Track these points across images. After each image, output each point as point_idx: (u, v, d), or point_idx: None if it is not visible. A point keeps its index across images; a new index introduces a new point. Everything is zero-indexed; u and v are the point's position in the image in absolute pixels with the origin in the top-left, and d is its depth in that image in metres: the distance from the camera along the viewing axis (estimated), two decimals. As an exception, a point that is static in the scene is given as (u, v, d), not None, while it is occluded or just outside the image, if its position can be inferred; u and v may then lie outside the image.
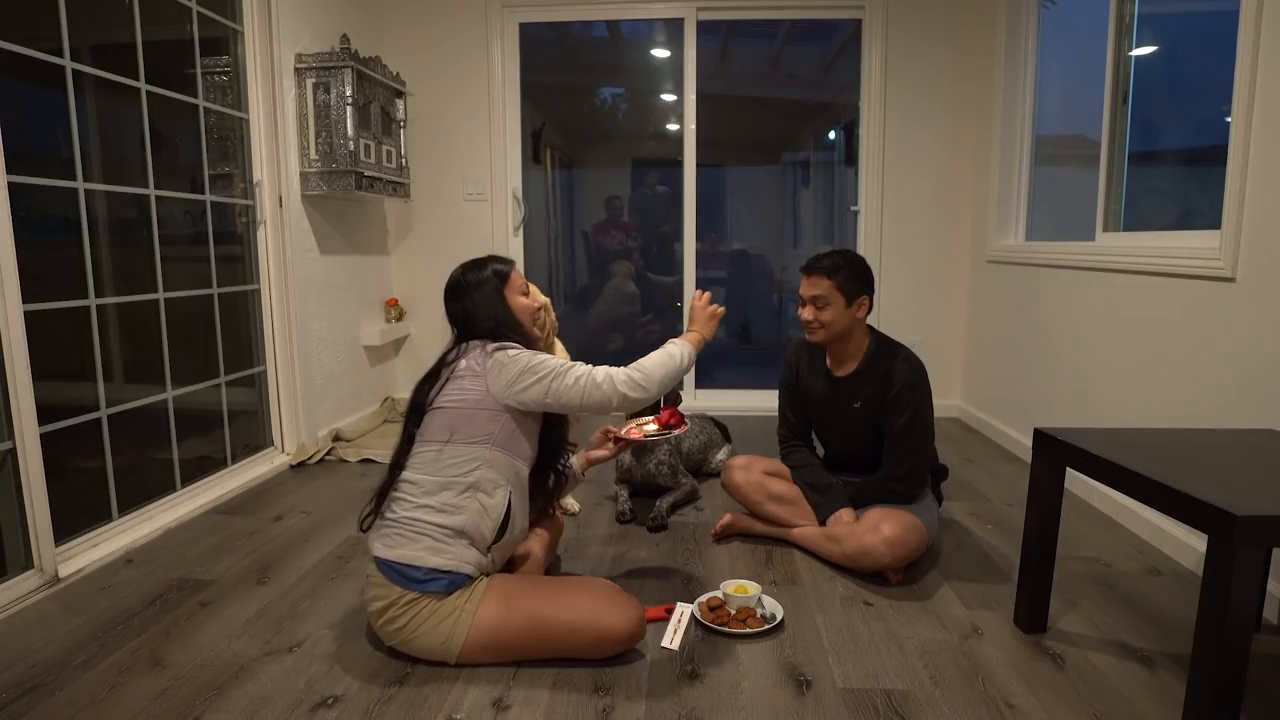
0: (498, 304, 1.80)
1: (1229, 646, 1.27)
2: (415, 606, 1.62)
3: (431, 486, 1.66)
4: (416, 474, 1.68)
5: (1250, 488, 1.38)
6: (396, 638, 1.65)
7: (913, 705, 1.54)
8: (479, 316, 1.78)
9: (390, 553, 1.64)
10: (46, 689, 1.61)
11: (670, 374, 1.77)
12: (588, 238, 4.68)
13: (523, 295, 1.86)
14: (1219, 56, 2.16)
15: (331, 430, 3.49)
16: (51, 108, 2.21)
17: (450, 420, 1.68)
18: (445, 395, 1.70)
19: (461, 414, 1.68)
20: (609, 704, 1.54)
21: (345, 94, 3.20)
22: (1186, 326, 2.23)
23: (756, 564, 2.23)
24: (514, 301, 1.83)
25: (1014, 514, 2.62)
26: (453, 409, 1.68)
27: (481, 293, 1.80)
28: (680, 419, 2.00)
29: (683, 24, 4.02)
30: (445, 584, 1.62)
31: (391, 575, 1.63)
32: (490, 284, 1.81)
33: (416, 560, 1.62)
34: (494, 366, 1.68)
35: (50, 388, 2.14)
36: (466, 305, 1.80)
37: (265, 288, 3.15)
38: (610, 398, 1.70)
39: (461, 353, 1.74)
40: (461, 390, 1.69)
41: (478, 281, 1.81)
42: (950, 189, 3.99)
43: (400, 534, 1.65)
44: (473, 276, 1.82)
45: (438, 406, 1.70)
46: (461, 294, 1.81)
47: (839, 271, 2.12)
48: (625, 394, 1.71)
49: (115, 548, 2.31)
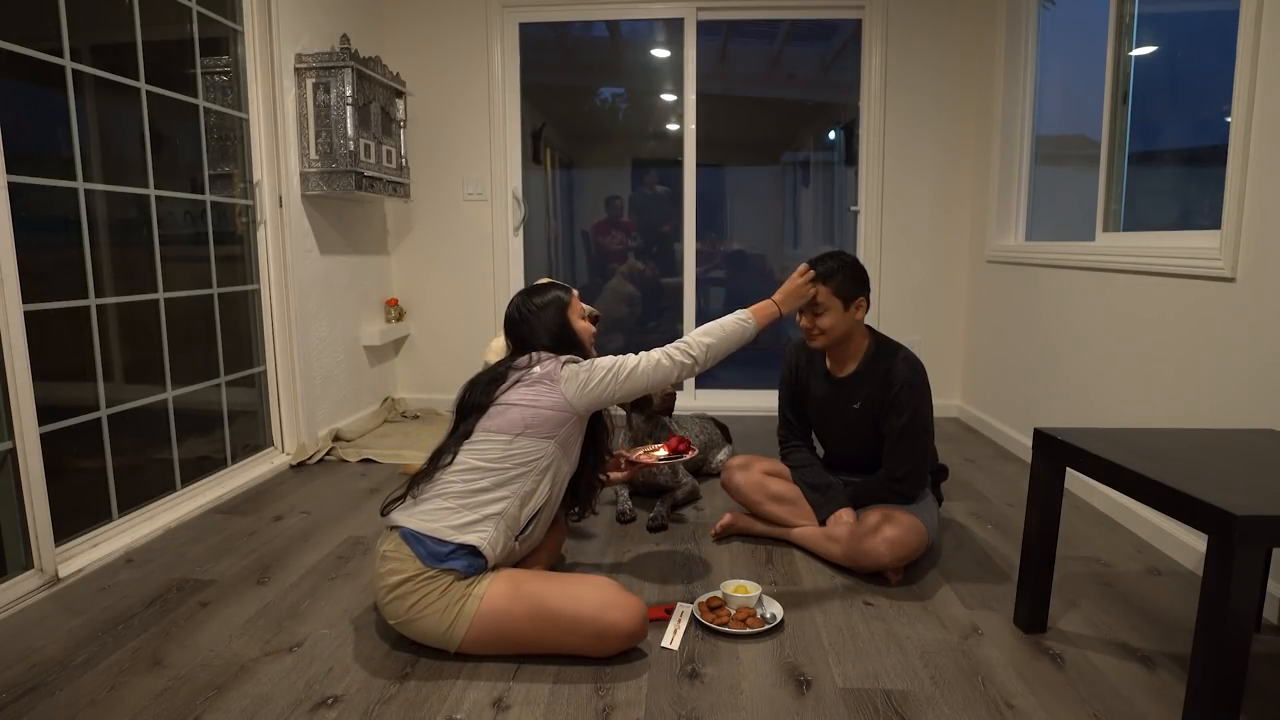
0: (564, 326, 1.93)
1: (1229, 646, 1.27)
2: (429, 585, 1.64)
3: (490, 471, 1.74)
4: (476, 460, 1.75)
5: (1250, 488, 1.38)
6: (401, 616, 1.67)
7: (913, 705, 1.54)
8: (545, 336, 1.90)
9: (423, 524, 1.68)
10: (46, 689, 1.61)
11: (722, 341, 1.88)
12: (588, 238, 4.68)
13: (583, 319, 1.99)
14: (1219, 56, 2.16)
15: (331, 430, 3.49)
16: (51, 108, 2.21)
17: (524, 416, 1.77)
18: (517, 395, 1.79)
19: (538, 413, 1.78)
20: (609, 704, 1.54)
21: (345, 94, 3.20)
22: (1186, 326, 2.23)
23: (756, 564, 2.23)
24: (576, 324, 1.95)
25: (1014, 514, 2.62)
26: (527, 408, 1.77)
27: (547, 314, 1.92)
28: (688, 446, 2.16)
29: (683, 24, 4.03)
30: (465, 564, 1.66)
31: (416, 548, 1.66)
32: (554, 306, 1.94)
33: (446, 535, 1.67)
34: (569, 375, 1.80)
35: (50, 388, 2.14)
36: (535, 326, 1.91)
37: (265, 288, 3.15)
38: (670, 371, 1.84)
39: (535, 361, 1.85)
40: (536, 393, 1.78)
41: (543, 305, 1.93)
42: (950, 189, 3.99)
43: (437, 508, 1.70)
44: (538, 300, 1.94)
45: (508, 403, 1.78)
46: (529, 318, 1.92)
47: (834, 276, 2.11)
48: (680, 364, 1.84)
49: (115, 548, 2.31)
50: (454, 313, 4.26)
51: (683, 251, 4.22)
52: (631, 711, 1.52)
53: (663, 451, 2.17)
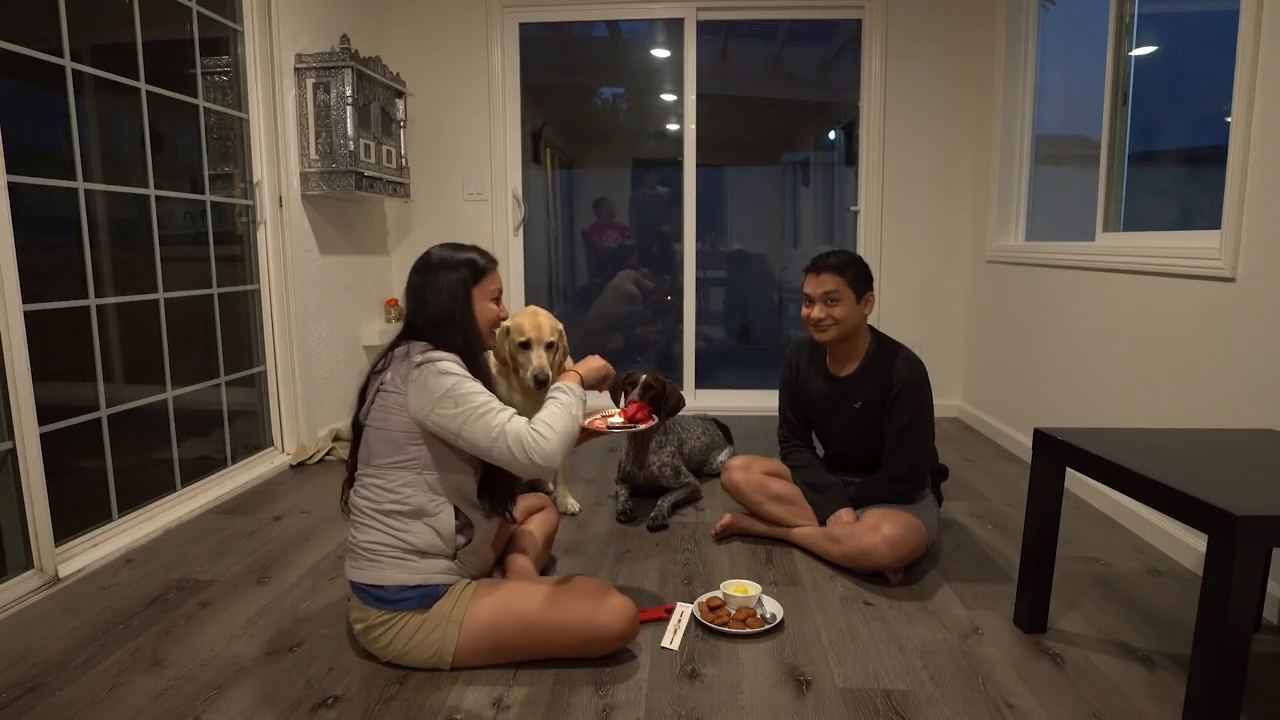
0: (459, 298, 1.62)
1: (1229, 646, 1.27)
2: (397, 625, 1.60)
3: (375, 512, 1.61)
4: (362, 499, 1.63)
5: (1250, 488, 1.38)
6: (388, 654, 1.65)
7: (913, 705, 1.54)
8: (433, 304, 1.62)
9: (358, 575, 1.62)
10: (46, 689, 1.61)
11: (570, 421, 1.60)
12: (586, 238, 4.68)
13: (493, 302, 1.70)
14: (1219, 56, 2.16)
15: (331, 430, 3.49)
16: (51, 108, 2.21)
17: (374, 442, 1.60)
18: (372, 414, 1.61)
19: (384, 437, 1.58)
20: (609, 704, 1.54)
21: (345, 94, 3.20)
22: (1186, 326, 2.23)
23: (756, 564, 2.23)
24: (479, 304, 1.66)
25: (1014, 514, 2.62)
26: (374, 429, 1.60)
27: (447, 278, 1.62)
28: (647, 414, 1.85)
29: (683, 24, 4.02)
30: (418, 599, 1.60)
31: (364, 598, 1.62)
32: (460, 272, 1.64)
33: (384, 580, 1.59)
34: (416, 381, 1.54)
35: (50, 388, 2.14)
36: (426, 286, 1.63)
37: (265, 288, 3.15)
38: (517, 459, 1.52)
39: (388, 362, 1.62)
40: (384, 409, 1.59)
41: (449, 264, 1.64)
42: (950, 189, 3.99)
43: (364, 557, 1.62)
44: (445, 256, 1.65)
45: (367, 425, 1.63)
46: (426, 272, 1.64)
47: (849, 268, 2.13)
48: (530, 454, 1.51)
49: (115, 548, 2.31)
50: (454, 313, 4.25)
51: (683, 252, 4.22)
52: (631, 711, 1.52)
53: (618, 418, 1.86)
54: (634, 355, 4.62)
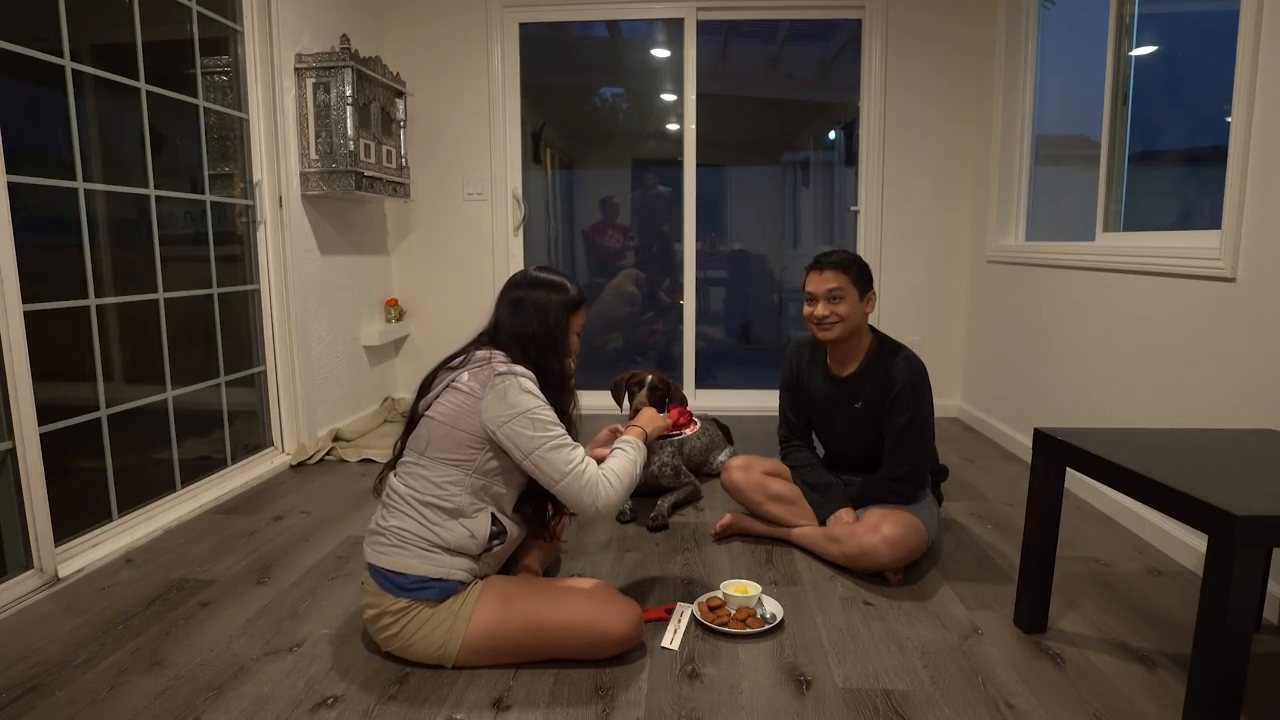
0: (559, 321, 1.70)
1: (1229, 646, 1.27)
2: (408, 614, 1.61)
3: (415, 501, 1.62)
4: (403, 484, 1.65)
5: (1250, 488, 1.38)
6: (392, 644, 1.65)
7: (913, 705, 1.54)
8: (534, 320, 1.67)
9: (381, 559, 1.62)
10: (46, 689, 1.61)
11: (633, 478, 1.71)
12: (587, 238, 4.68)
13: (577, 336, 1.79)
14: (1219, 56, 2.16)
15: (331, 430, 3.49)
16: (51, 108, 2.21)
17: (435, 435, 1.62)
18: (437, 406, 1.64)
19: (448, 434, 1.61)
20: (609, 704, 1.54)
21: (345, 94, 3.20)
22: (1186, 326, 2.23)
23: (756, 564, 2.23)
24: (571, 334, 1.75)
25: (1014, 514, 2.62)
26: (438, 423, 1.62)
27: (551, 298, 1.69)
28: (690, 419, 1.99)
29: (683, 24, 4.02)
30: (437, 592, 1.60)
31: (383, 582, 1.62)
32: (565, 296, 1.72)
33: (407, 568, 1.60)
34: (496, 388, 1.58)
35: (50, 388, 2.14)
36: (529, 300, 1.68)
37: (265, 288, 3.15)
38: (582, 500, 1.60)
39: (467, 361, 1.65)
40: (454, 407, 1.61)
41: (554, 286, 1.71)
42: (950, 189, 3.99)
43: (390, 542, 1.62)
44: (549, 277, 1.73)
45: (430, 417, 1.64)
46: (529, 286, 1.70)
47: (852, 266, 2.14)
48: (597, 500, 1.61)
49: (115, 548, 2.31)
50: (454, 313, 4.26)
51: (683, 252, 4.22)
52: (631, 711, 1.52)
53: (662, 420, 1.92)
54: (634, 355, 4.62)
